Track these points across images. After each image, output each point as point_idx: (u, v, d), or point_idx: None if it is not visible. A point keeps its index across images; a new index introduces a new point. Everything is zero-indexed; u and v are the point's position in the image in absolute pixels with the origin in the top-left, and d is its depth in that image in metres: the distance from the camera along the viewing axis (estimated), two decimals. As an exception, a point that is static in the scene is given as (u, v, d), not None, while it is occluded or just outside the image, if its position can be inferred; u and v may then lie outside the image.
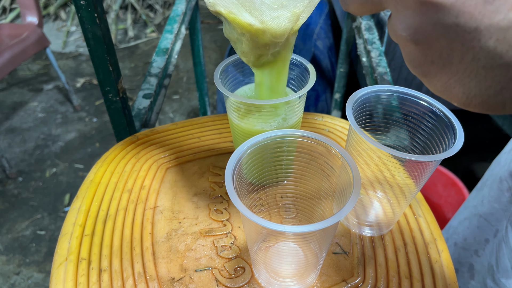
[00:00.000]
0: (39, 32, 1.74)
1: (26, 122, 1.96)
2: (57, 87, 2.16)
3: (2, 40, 1.71)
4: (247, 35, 0.37)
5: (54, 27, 2.64)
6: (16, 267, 1.40)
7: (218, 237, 0.45)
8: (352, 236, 0.46)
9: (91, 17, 0.56)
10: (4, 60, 1.59)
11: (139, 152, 0.55)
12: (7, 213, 1.56)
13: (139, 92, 0.84)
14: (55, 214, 1.56)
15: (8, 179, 1.68)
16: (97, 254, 0.44)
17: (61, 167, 1.74)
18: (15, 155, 1.80)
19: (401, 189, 0.45)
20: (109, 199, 0.49)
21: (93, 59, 0.60)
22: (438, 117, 0.40)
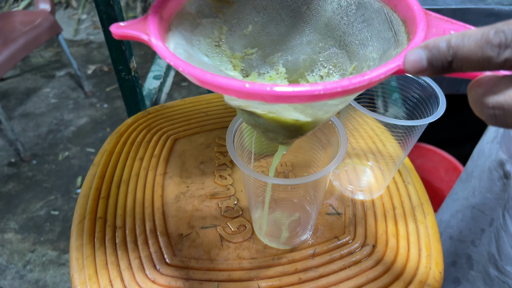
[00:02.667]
0: (51, 19, 1.78)
1: (39, 107, 2.01)
2: (69, 74, 2.21)
3: (16, 26, 1.76)
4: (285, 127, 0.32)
5: (65, 15, 2.69)
6: (31, 245, 1.46)
7: (222, 199, 0.49)
8: (345, 200, 0.50)
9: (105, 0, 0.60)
10: (18, 46, 1.64)
11: (150, 125, 0.59)
12: (21, 194, 1.62)
13: (149, 73, 0.88)
14: (68, 196, 1.61)
15: (23, 162, 1.74)
16: (112, 213, 0.48)
17: (73, 151, 1.80)
18: (29, 139, 1.85)
19: (391, 156, 0.48)
20: (122, 166, 0.54)
21: (107, 39, 0.65)
22: (423, 88, 0.44)
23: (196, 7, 0.34)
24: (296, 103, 0.25)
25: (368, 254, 0.44)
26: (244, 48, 0.39)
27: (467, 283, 0.66)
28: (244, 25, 0.38)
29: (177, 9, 0.33)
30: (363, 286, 0.41)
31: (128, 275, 0.42)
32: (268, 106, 0.30)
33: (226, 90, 0.23)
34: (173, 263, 0.43)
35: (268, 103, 0.26)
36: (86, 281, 0.42)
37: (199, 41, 0.35)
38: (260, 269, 0.42)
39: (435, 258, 0.44)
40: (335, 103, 0.30)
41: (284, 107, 0.30)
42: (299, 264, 0.43)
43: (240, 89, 0.22)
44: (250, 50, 0.39)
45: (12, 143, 1.81)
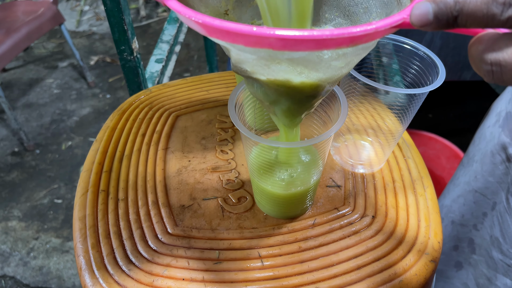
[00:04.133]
0: (54, 9, 1.79)
1: (42, 98, 2.02)
2: (72, 65, 2.21)
3: (18, 16, 1.77)
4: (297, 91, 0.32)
5: (68, 7, 2.69)
6: (35, 233, 1.47)
7: (223, 173, 0.50)
8: (345, 173, 0.50)
9: (107, -23, 0.60)
10: (21, 36, 1.65)
11: (152, 103, 0.60)
12: (25, 183, 1.63)
13: (151, 57, 0.88)
14: (71, 185, 1.62)
15: (26, 151, 1.75)
16: (114, 187, 0.49)
17: (76, 141, 1.81)
18: (32, 129, 1.86)
19: (390, 131, 0.49)
20: (124, 142, 0.54)
21: (109, 18, 0.65)
22: (423, 59, 0.44)
23: None
24: (303, 52, 0.25)
25: (367, 225, 0.44)
26: (251, 19, 0.39)
27: (469, 267, 0.66)
28: None
29: None
30: (362, 255, 0.41)
31: (130, 244, 0.43)
32: (274, 69, 0.30)
33: (234, 35, 0.23)
34: (175, 233, 0.43)
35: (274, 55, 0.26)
36: (89, 250, 0.42)
37: (207, 7, 0.35)
38: (261, 238, 0.43)
39: (434, 229, 0.44)
40: (339, 65, 0.30)
41: (289, 71, 0.30)
42: (299, 233, 0.43)
43: (248, 33, 0.22)
44: (257, 21, 0.39)
45: (15, 132, 1.82)
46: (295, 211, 0.45)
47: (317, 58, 0.29)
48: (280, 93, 0.32)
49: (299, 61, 0.28)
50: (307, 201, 0.44)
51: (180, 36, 0.98)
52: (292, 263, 0.41)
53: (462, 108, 1.77)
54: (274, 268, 0.40)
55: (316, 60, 0.29)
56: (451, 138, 1.47)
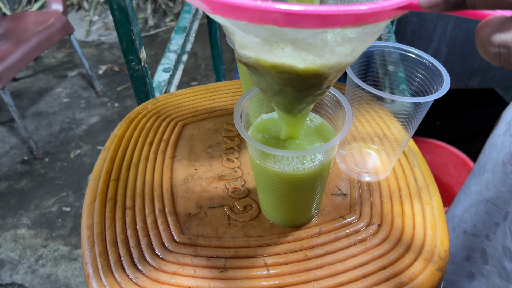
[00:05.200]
0: (63, 19, 1.82)
1: (52, 106, 2.04)
2: (81, 74, 2.24)
3: (29, 27, 1.80)
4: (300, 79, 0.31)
5: (77, 17, 2.73)
6: (43, 241, 1.48)
7: (230, 181, 0.50)
8: (351, 181, 0.50)
9: (116, -11, 0.61)
10: (31, 46, 1.68)
11: (159, 112, 0.60)
12: (34, 190, 1.65)
13: (158, 66, 0.89)
14: (79, 193, 1.63)
15: (36, 160, 1.77)
16: (122, 195, 0.49)
17: (84, 149, 1.82)
18: (42, 137, 1.88)
19: (396, 139, 0.49)
20: (132, 150, 0.55)
21: (118, 29, 0.66)
22: (428, 68, 0.45)
23: None
24: (307, 30, 0.25)
25: (373, 233, 0.44)
26: None
27: (482, 277, 0.65)
28: None
29: None
30: (368, 263, 0.41)
31: (137, 252, 0.43)
32: (278, 55, 0.29)
33: (238, 10, 0.23)
34: (182, 241, 0.44)
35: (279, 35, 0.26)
36: (96, 257, 0.43)
37: None
38: (267, 246, 0.43)
39: (441, 237, 0.44)
40: (344, 51, 0.30)
41: (293, 57, 0.30)
42: (305, 242, 0.43)
43: (252, 7, 0.23)
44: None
45: (25, 141, 1.84)
46: (301, 219, 0.45)
47: (321, 43, 0.28)
48: (284, 81, 0.32)
49: (303, 46, 0.28)
50: (312, 209, 0.44)
51: (187, 46, 0.99)
52: (298, 271, 0.41)
53: (469, 116, 1.76)
54: (280, 276, 0.40)
55: (321, 44, 0.28)
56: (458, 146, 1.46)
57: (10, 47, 1.65)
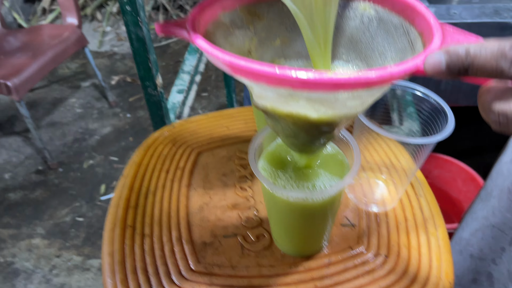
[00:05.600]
0: (78, 33, 1.86)
1: (66, 117, 2.09)
2: (94, 84, 2.28)
3: (44, 40, 1.84)
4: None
5: (90, 28, 2.78)
6: (57, 250, 1.51)
7: (243, 210, 0.52)
8: (359, 212, 0.52)
9: (134, 21, 0.64)
10: (47, 59, 1.72)
11: (175, 138, 0.63)
12: (48, 200, 1.69)
13: (172, 87, 0.92)
14: (92, 203, 1.67)
15: (50, 170, 1.81)
16: (140, 222, 0.52)
17: (97, 159, 1.86)
18: (56, 147, 1.92)
19: (404, 169, 0.51)
20: (149, 178, 0.57)
21: (135, 57, 0.69)
22: (433, 105, 0.47)
23: (230, 18, 0.38)
24: (320, 92, 0.28)
25: (380, 264, 0.46)
26: (271, 58, 0.42)
27: None
28: (273, 38, 0.41)
29: (213, 19, 0.36)
30: (375, 294, 0.43)
31: (155, 281, 0.45)
32: (293, 106, 0.32)
33: (258, 75, 0.26)
34: (198, 270, 0.46)
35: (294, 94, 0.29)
36: (117, 285, 0.45)
37: (232, 49, 0.38)
38: (278, 276, 0.45)
39: (445, 269, 0.46)
40: (354, 104, 0.33)
41: (306, 107, 0.32)
42: (315, 272, 0.45)
43: (271, 74, 0.25)
44: (277, 60, 0.42)
45: (40, 151, 1.88)
46: (312, 250, 0.47)
47: (333, 98, 0.30)
48: (298, 127, 0.34)
49: (316, 100, 0.31)
50: (323, 240, 0.46)
51: (200, 66, 1.02)
52: (308, 301, 0.43)
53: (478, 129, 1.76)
54: (291, 306, 0.43)
55: (333, 99, 0.31)
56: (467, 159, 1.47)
57: (26, 60, 1.70)
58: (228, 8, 0.37)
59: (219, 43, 0.35)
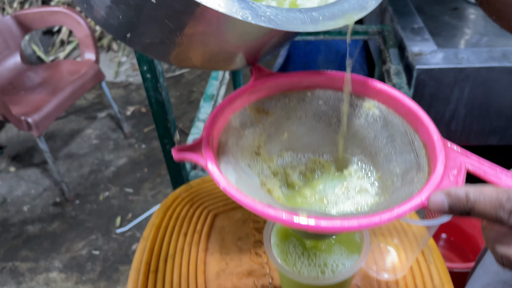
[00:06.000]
0: (96, 68, 1.92)
1: (82, 148, 2.14)
2: (110, 115, 2.34)
3: (63, 76, 1.91)
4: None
5: (107, 58, 2.86)
6: (74, 285, 1.54)
7: (258, 277, 0.55)
8: (370, 280, 0.54)
9: (154, 86, 0.68)
10: (66, 95, 1.78)
11: (193, 199, 0.66)
12: (66, 233, 1.72)
13: (188, 136, 0.96)
14: (108, 235, 1.70)
15: (67, 202, 1.85)
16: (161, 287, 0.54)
17: (113, 191, 1.90)
18: (73, 179, 1.97)
19: (415, 236, 0.53)
20: (168, 241, 0.60)
21: (155, 117, 0.72)
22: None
23: (240, 119, 0.41)
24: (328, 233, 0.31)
25: (392, 336, 0.48)
26: (279, 151, 0.44)
27: None
28: (281, 133, 0.44)
29: (224, 124, 0.39)
30: None
31: None
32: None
33: (270, 218, 0.29)
34: None
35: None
36: None
37: (243, 153, 0.41)
38: None
39: None
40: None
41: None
42: None
43: (279, 219, 0.29)
44: (285, 153, 0.45)
45: (57, 183, 1.93)
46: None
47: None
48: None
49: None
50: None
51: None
52: None
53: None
54: None
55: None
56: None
57: (46, 97, 1.76)
58: (238, 108, 0.40)
59: (232, 151, 0.38)
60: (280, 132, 0.43)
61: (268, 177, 0.41)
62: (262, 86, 0.41)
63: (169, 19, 0.30)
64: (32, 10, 1.96)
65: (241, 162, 0.39)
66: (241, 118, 0.41)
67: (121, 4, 0.29)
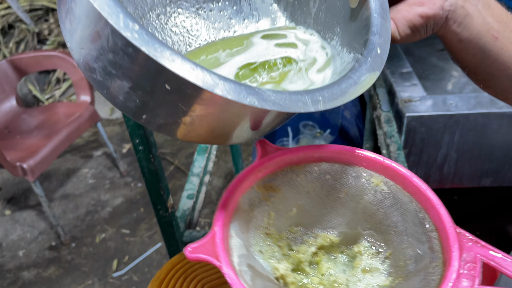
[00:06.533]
0: (91, 110, 1.94)
1: (78, 188, 2.14)
2: (105, 153, 2.35)
3: (60, 118, 1.92)
4: None
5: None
6: (70, 332, 1.52)
7: None
8: None
9: (147, 157, 0.68)
10: (61, 138, 1.79)
11: (186, 271, 0.66)
12: (61, 279, 1.71)
13: (183, 192, 0.96)
14: (104, 280, 1.69)
15: (63, 245, 1.84)
16: None
17: (109, 232, 1.89)
18: (69, 221, 1.96)
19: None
20: (163, 318, 0.60)
21: (148, 185, 0.73)
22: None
23: (248, 200, 0.41)
24: None
25: None
26: (289, 227, 0.44)
27: None
28: (289, 208, 0.44)
29: (234, 208, 0.39)
30: None
31: None
32: None
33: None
34: None
35: None
36: None
37: (254, 237, 0.41)
38: None
39: None
40: None
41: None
42: None
43: None
44: (294, 229, 0.45)
45: (53, 226, 1.92)
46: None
47: None
48: None
49: None
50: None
51: (209, 165, 1.06)
52: None
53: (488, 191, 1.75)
54: None
55: None
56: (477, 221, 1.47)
57: (41, 141, 1.77)
58: (246, 189, 0.41)
59: (243, 239, 0.38)
60: (288, 208, 0.44)
61: (280, 261, 0.42)
62: (269, 163, 0.42)
63: (182, 102, 0.32)
64: (27, 54, 1.99)
65: (253, 250, 0.40)
66: (249, 198, 0.41)
67: (138, 90, 0.32)
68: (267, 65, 0.42)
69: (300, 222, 0.45)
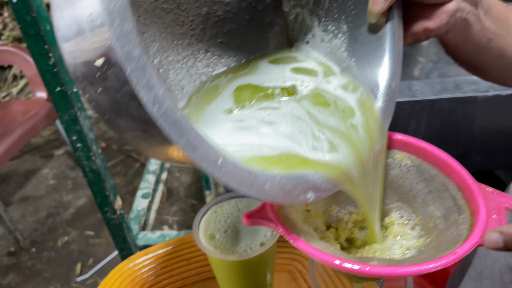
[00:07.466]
0: (48, 107, 1.83)
1: (39, 190, 2.04)
2: (68, 152, 2.25)
3: (14, 116, 1.81)
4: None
5: (63, 90, 2.77)
6: None
7: None
8: None
9: (87, 156, 0.62)
10: (16, 138, 1.68)
11: (134, 279, 0.60)
12: (21, 286, 1.62)
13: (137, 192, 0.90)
14: (67, 285, 1.61)
15: (22, 251, 1.75)
16: None
17: (72, 235, 1.81)
18: (29, 224, 1.87)
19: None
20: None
21: (91, 187, 0.67)
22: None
23: None
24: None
25: None
26: (324, 206, 0.46)
27: None
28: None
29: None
30: None
31: None
32: None
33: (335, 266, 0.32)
34: None
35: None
36: None
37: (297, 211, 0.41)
38: None
39: None
40: None
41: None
42: None
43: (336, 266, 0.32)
44: (330, 207, 0.46)
45: (11, 231, 1.82)
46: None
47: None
48: None
49: None
50: None
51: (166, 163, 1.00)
52: None
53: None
54: None
55: None
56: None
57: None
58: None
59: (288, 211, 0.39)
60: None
61: (323, 232, 0.43)
62: None
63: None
64: (-23, 49, 1.87)
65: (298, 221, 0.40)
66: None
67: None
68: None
69: (335, 201, 0.47)
